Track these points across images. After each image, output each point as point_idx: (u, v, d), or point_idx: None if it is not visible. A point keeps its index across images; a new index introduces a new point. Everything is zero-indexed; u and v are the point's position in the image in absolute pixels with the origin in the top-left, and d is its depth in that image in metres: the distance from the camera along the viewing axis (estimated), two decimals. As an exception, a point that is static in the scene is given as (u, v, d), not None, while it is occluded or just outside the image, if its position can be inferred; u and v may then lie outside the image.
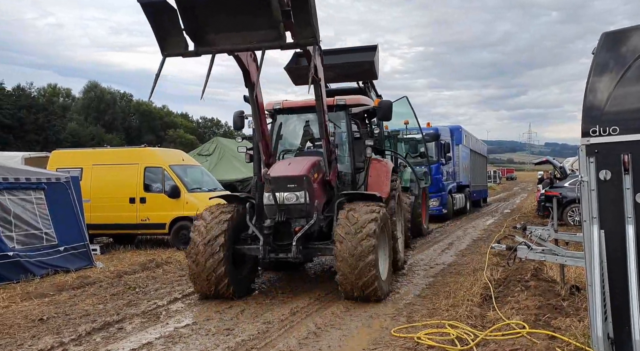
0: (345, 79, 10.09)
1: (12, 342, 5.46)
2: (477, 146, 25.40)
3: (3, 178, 8.79)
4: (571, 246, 7.67)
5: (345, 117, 8.16)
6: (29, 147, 41.11)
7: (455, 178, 20.08)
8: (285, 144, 8.55)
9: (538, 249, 6.27)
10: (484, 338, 4.97)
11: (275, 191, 6.71)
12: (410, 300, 6.91)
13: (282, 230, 6.93)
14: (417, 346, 4.95)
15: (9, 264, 8.34)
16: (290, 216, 6.92)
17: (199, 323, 6.01)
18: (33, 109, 49.35)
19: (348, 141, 8.19)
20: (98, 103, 66.28)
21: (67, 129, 53.73)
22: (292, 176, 6.80)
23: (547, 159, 19.79)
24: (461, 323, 5.49)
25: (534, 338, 4.84)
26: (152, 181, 12.71)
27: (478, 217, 20.96)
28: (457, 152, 20.29)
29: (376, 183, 8.15)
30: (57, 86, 67.74)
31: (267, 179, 6.60)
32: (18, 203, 8.97)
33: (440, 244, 12.76)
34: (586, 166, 3.71)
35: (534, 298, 6.12)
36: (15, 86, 51.61)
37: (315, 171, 7.14)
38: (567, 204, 15.36)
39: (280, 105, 8.40)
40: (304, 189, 6.71)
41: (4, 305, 6.99)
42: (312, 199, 6.82)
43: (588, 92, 3.75)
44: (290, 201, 6.78)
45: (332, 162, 7.46)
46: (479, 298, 6.54)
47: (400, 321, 5.88)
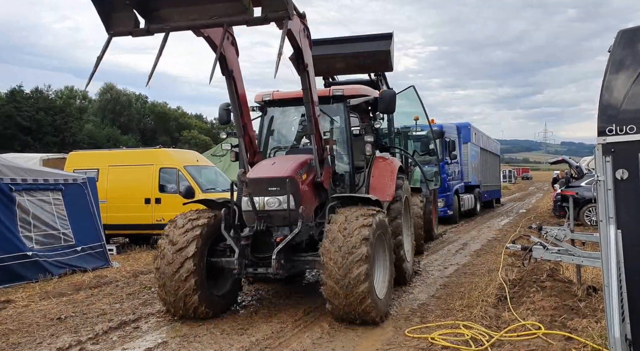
0: (357, 70, 9.30)
1: (31, 340, 5.56)
2: (488, 145, 24.46)
3: (22, 179, 8.94)
4: (588, 247, 7.58)
5: (343, 110, 7.24)
6: (47, 148, 41.78)
7: (463, 177, 19.27)
8: (276, 141, 7.65)
9: (554, 250, 6.21)
10: (499, 339, 4.94)
11: (254, 194, 5.82)
12: (424, 301, 6.89)
13: (262, 241, 5.94)
14: (431, 347, 4.93)
15: (28, 264, 8.49)
16: (271, 224, 5.95)
17: (213, 322, 6.05)
18: (51, 111, 50.12)
19: (346, 137, 7.26)
20: (114, 105, 67.16)
21: (84, 130, 54.48)
22: (274, 178, 5.88)
23: (563, 158, 19.56)
24: (476, 324, 5.46)
25: (549, 339, 4.80)
26: (167, 181, 12.84)
27: (493, 217, 20.79)
28: (466, 150, 19.54)
29: (379, 184, 7.31)
30: (74, 88, 68.71)
31: (244, 181, 5.71)
32: (36, 203, 9.12)
33: (454, 245, 12.68)
34: (602, 166, 3.67)
35: (549, 299, 6.06)
36: (34, 89, 52.48)
37: (304, 171, 6.20)
38: (584, 204, 15.16)
39: (270, 96, 7.46)
40: (287, 192, 5.75)
41: (23, 304, 7.12)
42: (298, 204, 5.86)
43: (604, 90, 3.71)
44: (271, 206, 5.84)
45: (325, 161, 6.53)
46: (494, 298, 6.49)
47: (414, 321, 5.86)
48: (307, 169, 6.30)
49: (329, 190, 6.64)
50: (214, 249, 6.17)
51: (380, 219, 5.85)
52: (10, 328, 6.01)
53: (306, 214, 6.00)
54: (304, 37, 5.30)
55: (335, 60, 9.16)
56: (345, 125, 7.21)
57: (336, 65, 9.26)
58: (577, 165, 18.08)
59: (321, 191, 6.54)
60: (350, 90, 7.33)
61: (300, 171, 6.11)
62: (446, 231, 15.40)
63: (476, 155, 21.24)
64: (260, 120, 7.56)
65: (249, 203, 5.82)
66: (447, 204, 17.22)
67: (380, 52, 8.74)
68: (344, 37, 9.53)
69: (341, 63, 9.01)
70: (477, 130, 21.64)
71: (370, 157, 7.22)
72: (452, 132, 18.13)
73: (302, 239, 5.99)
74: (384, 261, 6.21)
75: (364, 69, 9.17)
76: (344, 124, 7.23)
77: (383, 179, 7.40)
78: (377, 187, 7.26)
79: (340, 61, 9.12)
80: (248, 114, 6.22)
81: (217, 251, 6.19)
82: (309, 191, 6.21)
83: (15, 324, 6.18)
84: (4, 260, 8.16)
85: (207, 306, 5.94)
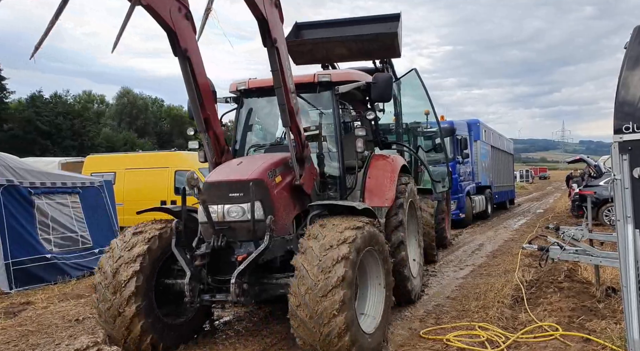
0: (360, 56, 8.11)
1: (50, 341, 5.66)
2: (499, 143, 23.19)
3: (41, 182, 9.11)
4: (607, 247, 7.46)
5: (331, 99, 6.11)
6: (66, 152, 42.44)
7: (474, 178, 18.33)
8: (256, 137, 6.62)
9: (571, 250, 6.12)
10: (516, 340, 4.89)
11: (211, 202, 4.76)
12: (439, 302, 6.83)
13: (223, 260, 4.81)
14: (446, 348, 4.90)
15: (47, 266, 8.65)
16: (233, 239, 4.83)
17: (230, 322, 6.07)
18: (69, 115, 50.97)
19: (335, 131, 6.14)
20: (131, 109, 67.95)
21: (102, 134, 55.25)
22: (236, 181, 4.79)
23: (580, 157, 19.26)
24: (492, 325, 5.41)
25: (567, 340, 4.74)
26: (182, 184, 12.91)
27: (510, 217, 20.56)
28: (475, 149, 18.48)
29: (377, 187, 6.23)
30: (92, 93, 69.76)
31: (194, 187, 4.55)
32: (55, 206, 9.28)
33: (470, 245, 12.56)
34: (619, 164, 3.61)
35: (567, 300, 5.97)
36: (53, 94, 53.43)
37: (278, 173, 5.16)
38: (603, 203, 14.92)
39: (245, 85, 6.35)
40: (252, 199, 4.65)
41: (42, 306, 7.24)
42: (269, 212, 4.79)
43: (620, 87, 3.65)
44: (233, 216, 4.76)
45: (307, 160, 5.51)
46: (510, 299, 6.42)
47: (429, 322, 5.82)
48: (283, 170, 5.26)
49: (313, 195, 5.59)
50: (171, 268, 5.04)
51: (369, 233, 4.65)
52: (30, 329, 6.12)
53: (280, 225, 4.96)
54: (270, 4, 4.55)
55: (334, 45, 7.93)
56: (333, 117, 6.12)
57: (335, 51, 8.00)
58: (596, 164, 17.78)
59: (303, 196, 5.45)
60: (339, 75, 6.31)
61: (272, 172, 5.08)
62: (462, 232, 15.27)
63: (487, 154, 20.29)
64: (236, 113, 6.52)
65: (204, 212, 4.73)
66: (459, 207, 16.24)
67: (386, 35, 7.59)
68: (344, 19, 8.30)
69: (341, 48, 7.78)
70: (487, 127, 20.63)
71: (363, 154, 6.11)
72: (463, 129, 17.18)
73: (274, 256, 4.90)
74: (377, 285, 5.01)
75: (368, 55, 8.03)
76: (332, 115, 6.14)
77: (381, 180, 6.30)
78: (374, 190, 6.22)
79: (341, 45, 7.86)
80: (212, 105, 5.16)
81: (175, 271, 5.05)
82: (284, 196, 5.16)
83: (34, 325, 6.29)
84: (24, 263, 8.31)
85: (156, 337, 4.83)
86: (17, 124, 45.52)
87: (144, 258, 4.80)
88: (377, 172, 6.39)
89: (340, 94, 6.11)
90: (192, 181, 4.52)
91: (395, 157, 7.07)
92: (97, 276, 4.86)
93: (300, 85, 5.73)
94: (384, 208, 6.16)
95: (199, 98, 4.83)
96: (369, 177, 6.31)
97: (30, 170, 9.16)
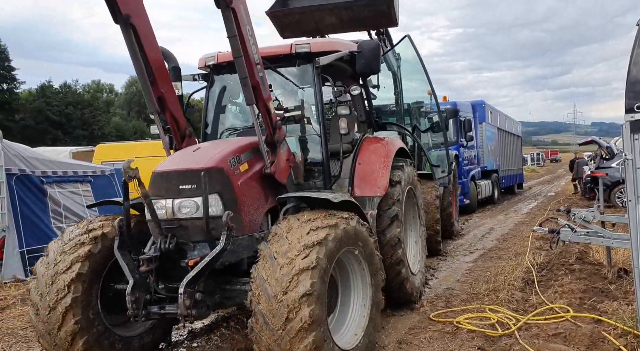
0: (352, 26, 7.38)
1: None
2: (507, 125, 22.32)
3: (52, 171, 9.21)
4: (619, 228, 7.40)
5: (312, 73, 5.29)
6: (76, 142, 42.84)
7: (480, 162, 17.54)
8: (230, 120, 5.87)
9: (582, 232, 6.09)
10: (526, 322, 4.89)
11: (158, 196, 4.05)
12: (449, 285, 6.85)
13: (175, 265, 4.01)
14: (456, 331, 4.91)
15: (60, 254, 8.76)
16: (184, 240, 4.05)
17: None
18: (79, 105, 51.32)
19: (317, 110, 5.41)
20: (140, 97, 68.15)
21: (111, 123, 55.62)
22: (188, 171, 4.05)
23: (592, 139, 19.03)
24: (502, 308, 5.41)
25: (578, 322, 4.73)
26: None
27: (520, 201, 20.46)
28: (481, 132, 17.67)
29: (367, 174, 5.49)
30: (101, 82, 70.07)
31: (133, 177, 3.86)
32: (67, 195, 9.39)
33: (480, 229, 12.54)
34: (631, 144, 3.57)
35: (578, 282, 5.96)
36: (62, 83, 53.77)
37: (243, 160, 4.40)
38: (614, 185, 14.78)
39: (214, 60, 5.57)
40: (205, 191, 3.85)
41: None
42: (230, 208, 4.03)
43: (632, 65, 3.59)
44: (184, 213, 3.99)
45: (281, 145, 4.70)
46: (521, 282, 6.42)
47: (439, 306, 5.83)
48: (251, 157, 4.51)
49: (289, 185, 4.82)
50: (121, 271, 4.10)
51: (346, 231, 3.92)
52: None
53: (247, 222, 4.26)
54: None
55: (323, 13, 7.15)
56: (314, 94, 5.32)
57: (325, 20, 7.24)
58: (608, 145, 17.56)
59: (277, 187, 4.67)
60: (320, 45, 5.45)
61: (236, 159, 4.32)
62: (472, 216, 15.23)
63: (493, 136, 19.51)
64: (206, 92, 5.83)
65: (147, 208, 4.01)
66: (463, 192, 15.27)
67: (380, 2, 6.88)
68: None
69: (331, 17, 7.02)
70: (493, 108, 19.78)
71: (354, 137, 5.55)
72: (467, 111, 16.39)
73: (238, 258, 4.13)
74: (360, 290, 4.30)
75: (361, 25, 7.33)
76: (313, 92, 5.34)
77: (373, 166, 5.55)
78: (364, 177, 5.49)
79: (330, 14, 7.08)
80: (167, 82, 4.49)
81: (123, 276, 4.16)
82: (252, 188, 4.40)
83: (50, 311, 6.38)
84: (37, 251, 8.43)
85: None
86: (29, 114, 45.94)
87: (84, 262, 4.07)
88: (368, 157, 5.62)
89: (323, 68, 5.25)
90: (129, 171, 3.84)
91: (391, 140, 6.21)
92: (32, 285, 4.15)
93: (277, 58, 5.20)
94: (375, 198, 5.38)
95: (149, 73, 4.24)
96: (359, 163, 5.57)
97: (42, 159, 9.26)
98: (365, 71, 5.49)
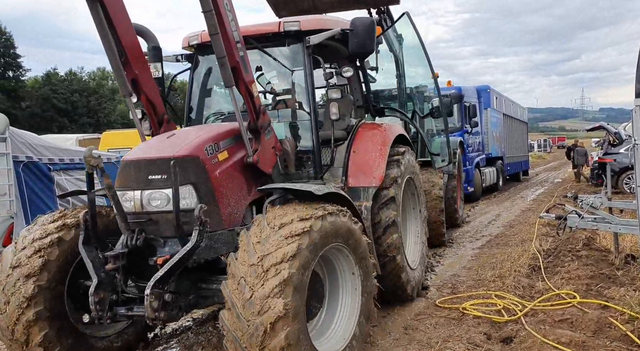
0: (351, 4, 6.97)
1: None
2: (512, 111, 21.75)
3: (59, 158, 9.25)
4: (627, 215, 7.37)
5: (302, 54, 4.91)
6: (83, 129, 42.97)
7: (484, 149, 17.09)
8: (216, 104, 5.54)
9: (590, 218, 6.06)
10: (532, 308, 4.89)
11: (127, 187, 3.75)
12: (455, 272, 6.85)
13: (145, 262, 3.68)
14: (462, 317, 4.93)
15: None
16: (154, 236, 3.74)
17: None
18: (85, 92, 51.42)
19: (307, 94, 4.96)
20: (145, 85, 68.18)
21: (117, 111, 55.67)
22: (157, 160, 3.72)
23: (600, 124, 18.84)
24: (508, 294, 5.42)
25: (585, 307, 4.73)
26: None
27: (527, 187, 20.37)
28: (486, 118, 17.20)
29: (362, 163, 5.13)
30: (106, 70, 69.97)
31: (95, 167, 3.63)
32: (74, 182, 9.42)
33: (486, 216, 12.51)
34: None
35: (585, 268, 5.95)
36: (68, 71, 53.80)
37: (222, 148, 4.06)
38: (622, 171, 14.68)
39: (198, 39, 5.20)
40: (176, 183, 3.53)
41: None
42: (206, 200, 3.74)
43: (643, 49, 3.53)
44: (154, 206, 3.68)
45: (266, 131, 4.33)
46: (527, 268, 6.41)
47: (445, 292, 5.85)
48: (231, 145, 4.17)
49: (275, 175, 4.47)
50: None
51: (333, 224, 3.54)
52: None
53: (227, 215, 3.93)
54: None
55: None
56: (305, 76, 4.92)
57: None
58: (616, 131, 17.39)
59: (263, 177, 4.35)
60: (310, 22, 5.00)
61: (213, 146, 3.98)
62: (478, 203, 15.19)
63: (498, 122, 18.96)
64: (190, 74, 5.49)
65: (111, 200, 3.72)
66: (467, 180, 14.73)
67: None
68: None
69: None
70: (498, 94, 19.26)
71: (349, 123, 5.24)
72: (471, 96, 15.92)
73: (215, 255, 3.81)
74: (350, 293, 3.92)
75: (361, 2, 6.94)
76: (304, 74, 4.95)
77: (368, 154, 5.18)
78: (359, 167, 5.13)
79: None
80: (141, 62, 4.15)
81: None
82: (233, 178, 4.08)
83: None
84: (46, 237, 8.51)
85: None
86: (35, 101, 46.08)
87: (47, 260, 3.76)
88: (364, 144, 5.26)
89: (316, 48, 4.89)
90: (90, 160, 3.55)
91: (390, 126, 5.83)
92: None
93: (264, 37, 4.87)
94: (370, 189, 5.01)
95: (121, 53, 3.90)
96: (354, 151, 5.21)
97: (49, 147, 9.28)
98: (359, 50, 4.98)
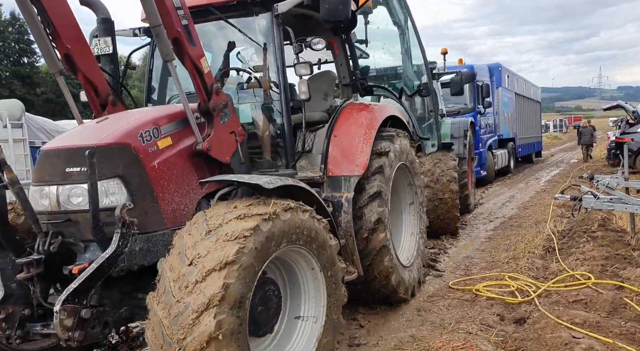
0: None
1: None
2: (525, 89, 21.00)
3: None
4: (644, 195, 7.27)
5: (271, 25, 4.28)
6: (96, 115, 43.31)
7: (496, 130, 16.45)
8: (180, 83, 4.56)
9: (605, 199, 5.98)
10: (546, 290, 4.88)
11: (41, 183, 3.16)
12: (469, 253, 6.85)
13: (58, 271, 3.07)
14: (475, 298, 4.94)
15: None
16: (73, 239, 3.15)
17: None
18: (98, 78, 51.79)
19: (277, 71, 4.29)
20: (157, 69, 68.45)
21: (131, 96, 56.12)
22: (76, 149, 3.10)
23: (618, 103, 18.46)
24: (522, 275, 5.41)
25: (600, 288, 4.70)
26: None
27: (542, 169, 20.17)
28: (497, 97, 16.52)
29: (343, 149, 4.50)
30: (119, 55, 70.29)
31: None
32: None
33: (500, 198, 12.44)
34: (659, 107, 3.44)
35: (600, 249, 5.89)
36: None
37: (164, 133, 3.44)
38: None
39: None
40: (93, 177, 2.90)
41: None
42: (140, 197, 3.15)
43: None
44: (74, 204, 3.08)
45: (223, 114, 3.78)
46: (541, 250, 6.38)
47: (458, 273, 5.86)
48: (177, 129, 3.56)
49: (235, 165, 3.87)
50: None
51: (289, 222, 2.96)
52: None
53: (167, 213, 3.29)
54: None
55: None
56: (274, 50, 4.27)
57: None
58: (634, 110, 17.06)
59: (222, 168, 3.79)
60: None
61: (152, 132, 3.35)
62: (492, 185, 15.08)
63: (510, 102, 18.34)
64: (150, 50, 4.99)
65: (17, 198, 3.16)
66: (479, 164, 14.15)
67: None
68: None
69: None
70: (510, 72, 18.63)
71: (325, 103, 4.71)
72: (484, 74, 15.35)
73: (156, 259, 2.96)
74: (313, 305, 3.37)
75: None
76: (272, 48, 4.28)
77: (350, 140, 4.55)
78: (340, 153, 4.50)
79: None
80: (74, 34, 3.50)
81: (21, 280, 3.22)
82: (178, 169, 3.44)
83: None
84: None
85: None
86: (50, 87, 46.45)
87: None
88: (346, 127, 4.63)
89: (291, 18, 4.27)
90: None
91: (379, 106, 5.17)
92: None
93: (229, 6, 4.34)
94: (352, 178, 4.39)
95: (48, 23, 3.26)
96: (335, 135, 4.58)
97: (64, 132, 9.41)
98: (330, 17, 4.12)
